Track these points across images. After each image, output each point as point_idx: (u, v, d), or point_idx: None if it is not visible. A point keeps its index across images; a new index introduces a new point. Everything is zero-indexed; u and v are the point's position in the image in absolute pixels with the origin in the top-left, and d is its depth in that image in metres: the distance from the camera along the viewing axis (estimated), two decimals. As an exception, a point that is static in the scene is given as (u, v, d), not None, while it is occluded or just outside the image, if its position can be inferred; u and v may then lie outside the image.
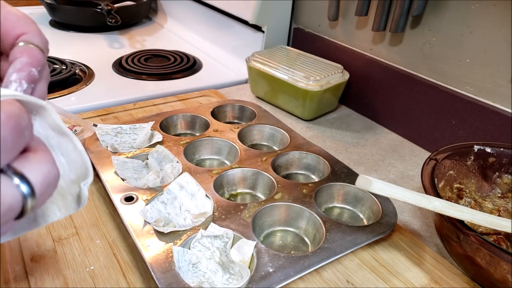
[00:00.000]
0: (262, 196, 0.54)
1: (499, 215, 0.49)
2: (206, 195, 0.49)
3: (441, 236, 0.45)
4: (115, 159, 0.53)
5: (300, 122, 0.77)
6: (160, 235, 0.43)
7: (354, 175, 0.55)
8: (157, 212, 0.46)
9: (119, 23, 1.11)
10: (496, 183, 0.53)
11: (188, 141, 0.60)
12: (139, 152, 0.56)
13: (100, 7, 1.12)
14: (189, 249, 0.42)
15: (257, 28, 0.94)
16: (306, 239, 0.48)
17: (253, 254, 0.41)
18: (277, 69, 0.76)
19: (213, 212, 0.47)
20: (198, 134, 0.66)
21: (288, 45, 0.96)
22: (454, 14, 0.62)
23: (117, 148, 0.57)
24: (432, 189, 0.43)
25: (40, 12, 1.28)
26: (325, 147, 0.66)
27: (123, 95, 0.81)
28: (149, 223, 0.44)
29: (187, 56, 1.04)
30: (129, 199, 0.47)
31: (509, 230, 0.42)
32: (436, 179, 0.46)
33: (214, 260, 0.42)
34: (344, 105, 0.84)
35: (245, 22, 0.96)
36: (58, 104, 0.61)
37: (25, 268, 0.41)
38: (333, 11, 0.78)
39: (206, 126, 0.66)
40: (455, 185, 0.52)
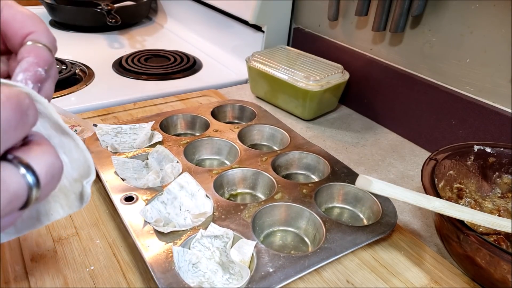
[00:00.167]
0: (262, 196, 0.54)
1: (499, 215, 0.49)
2: (206, 195, 0.49)
3: (441, 236, 0.45)
4: (115, 159, 0.53)
5: (300, 122, 0.77)
6: (160, 235, 0.43)
7: (354, 175, 0.55)
8: (157, 212, 0.46)
9: (119, 23, 1.11)
10: (496, 183, 0.53)
11: (188, 141, 0.60)
12: (139, 152, 0.56)
13: (100, 7, 1.12)
14: (189, 249, 0.42)
15: (257, 28, 0.94)
16: (306, 239, 0.48)
17: (253, 254, 0.41)
18: (277, 69, 0.76)
19: (213, 212, 0.47)
20: (198, 134, 0.66)
21: (288, 45, 0.96)
22: (454, 14, 0.62)
23: (117, 148, 0.57)
24: (432, 189, 0.43)
25: (40, 12, 1.28)
26: (325, 147, 0.66)
27: (123, 95, 0.81)
28: (149, 223, 0.44)
29: (187, 56, 1.04)
30: (129, 199, 0.47)
31: (509, 230, 0.42)
32: (436, 179, 0.46)
33: (214, 260, 0.42)
34: (344, 105, 0.84)
35: (245, 22, 0.96)
36: (58, 104, 0.61)
37: (25, 268, 0.41)
38: (333, 11, 0.78)
39: (206, 126, 0.66)
40: (455, 185, 0.52)
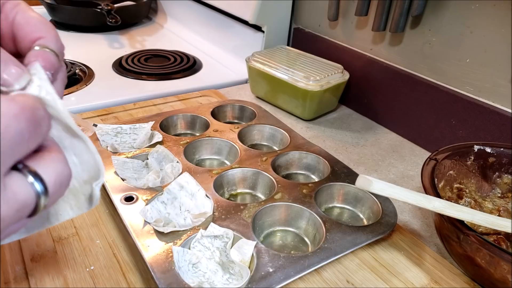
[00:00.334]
0: (262, 196, 0.54)
1: (499, 215, 0.49)
2: (206, 195, 0.49)
3: (441, 236, 0.45)
4: (115, 159, 0.53)
5: (300, 122, 0.77)
6: (160, 235, 0.43)
7: (354, 175, 0.55)
8: (157, 212, 0.46)
9: (119, 23, 1.11)
10: (496, 183, 0.53)
11: (188, 141, 0.60)
12: (139, 152, 0.56)
13: (100, 7, 1.12)
14: (189, 249, 0.42)
15: (257, 28, 0.94)
16: (306, 239, 0.48)
17: (253, 254, 0.41)
18: (277, 69, 0.76)
19: (213, 212, 0.47)
20: (198, 134, 0.66)
21: (288, 45, 0.96)
22: (454, 14, 0.62)
23: (117, 148, 0.57)
24: (432, 189, 0.43)
25: (40, 12, 1.27)
26: (325, 147, 0.66)
27: (123, 95, 0.81)
28: (149, 223, 0.44)
29: (187, 56, 1.04)
30: (129, 199, 0.47)
31: (509, 230, 0.42)
32: (436, 179, 0.46)
33: (214, 260, 0.42)
34: (344, 105, 0.84)
35: (245, 22, 0.96)
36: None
37: (25, 268, 0.41)
38: (333, 11, 0.78)
39: (206, 126, 0.66)
40: (455, 185, 0.52)
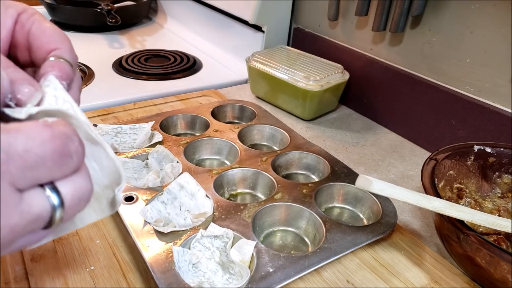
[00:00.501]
0: (262, 196, 0.54)
1: (499, 215, 0.49)
2: (206, 195, 0.49)
3: (441, 236, 0.45)
4: (115, 159, 0.53)
5: (300, 122, 0.77)
6: (160, 235, 0.43)
7: (354, 175, 0.55)
8: (157, 212, 0.46)
9: (119, 23, 1.11)
10: (496, 183, 0.53)
11: (188, 141, 0.60)
12: (139, 152, 0.56)
13: (100, 7, 1.12)
14: (189, 249, 0.42)
15: (257, 28, 0.94)
16: (306, 239, 0.48)
17: (253, 254, 0.41)
18: (277, 69, 0.76)
19: (213, 212, 0.47)
20: (198, 134, 0.66)
21: (288, 45, 0.96)
22: (454, 14, 0.62)
23: (117, 148, 0.57)
24: (432, 189, 0.43)
25: (40, 12, 1.28)
26: (325, 147, 0.66)
27: (123, 95, 0.81)
28: (149, 223, 0.44)
29: (187, 56, 1.04)
30: (129, 199, 0.47)
31: (509, 230, 0.42)
32: (436, 179, 0.46)
33: (214, 260, 0.42)
34: (344, 105, 0.84)
35: (245, 22, 0.96)
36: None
37: (25, 268, 0.41)
38: (333, 11, 0.78)
39: (206, 126, 0.66)
40: (455, 185, 0.52)
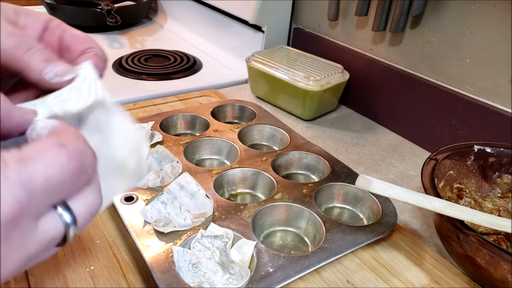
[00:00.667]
0: (262, 196, 0.54)
1: (499, 215, 0.49)
2: (206, 195, 0.49)
3: (441, 236, 0.45)
4: (115, 159, 0.53)
5: (300, 122, 0.77)
6: (160, 235, 0.43)
7: (354, 175, 0.55)
8: (157, 212, 0.46)
9: (119, 23, 1.11)
10: (496, 183, 0.53)
11: (188, 141, 0.60)
12: (139, 152, 0.56)
13: (100, 7, 1.12)
14: (189, 249, 0.42)
15: (257, 28, 0.94)
16: (306, 239, 0.48)
17: (253, 254, 0.41)
18: (277, 69, 0.76)
19: (213, 212, 0.47)
20: (198, 134, 0.66)
21: (288, 45, 0.96)
22: (454, 14, 0.62)
23: (117, 148, 0.57)
24: (432, 189, 0.43)
25: (40, 12, 1.28)
26: (325, 147, 0.66)
27: (123, 95, 0.81)
28: (149, 223, 0.44)
29: (187, 56, 1.04)
30: (129, 199, 0.47)
31: (509, 230, 0.42)
32: (436, 179, 0.46)
33: (214, 260, 0.42)
34: (344, 105, 0.84)
35: (245, 22, 0.96)
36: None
37: (25, 268, 0.41)
38: (333, 11, 0.78)
39: (206, 126, 0.66)
40: (455, 185, 0.52)
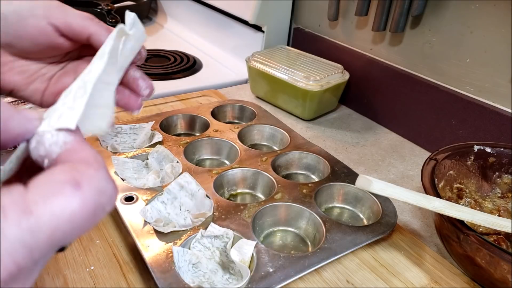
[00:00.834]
0: (262, 196, 0.54)
1: (499, 215, 0.49)
2: (206, 195, 0.49)
3: (441, 236, 0.45)
4: (115, 159, 0.53)
5: (300, 122, 0.77)
6: (160, 235, 0.43)
7: (354, 175, 0.55)
8: (157, 212, 0.46)
9: (119, 23, 1.11)
10: (496, 183, 0.53)
11: (188, 141, 0.60)
12: (139, 152, 0.56)
13: (100, 7, 1.12)
14: (189, 249, 0.42)
15: (257, 28, 0.94)
16: (306, 239, 0.48)
17: (253, 254, 0.41)
18: (277, 69, 0.76)
19: (213, 212, 0.47)
20: (198, 134, 0.66)
21: (288, 45, 0.96)
22: (454, 14, 0.62)
23: (117, 148, 0.57)
24: (432, 189, 0.43)
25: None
26: (325, 147, 0.66)
27: (123, 95, 0.80)
28: (149, 223, 0.44)
29: (187, 56, 1.04)
30: (129, 199, 0.47)
31: (509, 230, 0.42)
32: (436, 179, 0.46)
33: (214, 260, 0.42)
34: (344, 105, 0.84)
35: (245, 22, 0.96)
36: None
37: (25, 268, 0.41)
38: (333, 11, 0.78)
39: (206, 126, 0.66)
40: (455, 185, 0.52)
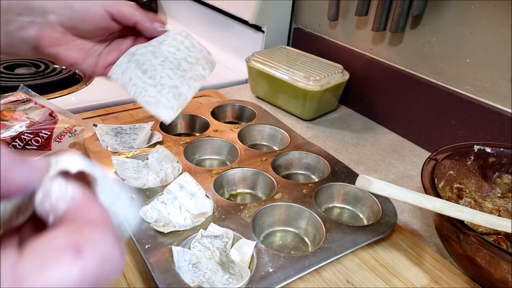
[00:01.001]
0: (262, 196, 0.54)
1: (499, 215, 0.49)
2: (206, 195, 0.49)
3: (441, 236, 0.45)
4: (115, 159, 0.53)
5: (300, 122, 0.77)
6: (160, 235, 0.43)
7: (354, 175, 0.55)
8: (157, 212, 0.46)
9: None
10: (496, 183, 0.53)
11: (188, 141, 0.60)
12: (139, 152, 0.56)
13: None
14: (189, 249, 0.42)
15: (257, 28, 0.94)
16: (306, 239, 0.48)
17: (253, 254, 0.41)
18: (277, 69, 0.76)
19: (213, 212, 0.47)
20: (198, 134, 0.66)
21: (288, 45, 0.96)
22: (454, 14, 0.62)
23: (117, 148, 0.57)
24: (432, 189, 0.43)
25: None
26: (325, 147, 0.66)
27: (123, 95, 0.80)
28: (149, 223, 0.44)
29: (187, 56, 1.03)
30: (129, 199, 0.47)
31: (509, 230, 0.42)
32: (436, 179, 0.46)
33: (214, 260, 0.42)
34: (344, 105, 0.84)
35: (245, 22, 0.96)
36: (58, 104, 0.61)
37: (25, 268, 0.41)
38: (333, 11, 0.78)
39: (206, 126, 0.66)
40: (455, 185, 0.52)
